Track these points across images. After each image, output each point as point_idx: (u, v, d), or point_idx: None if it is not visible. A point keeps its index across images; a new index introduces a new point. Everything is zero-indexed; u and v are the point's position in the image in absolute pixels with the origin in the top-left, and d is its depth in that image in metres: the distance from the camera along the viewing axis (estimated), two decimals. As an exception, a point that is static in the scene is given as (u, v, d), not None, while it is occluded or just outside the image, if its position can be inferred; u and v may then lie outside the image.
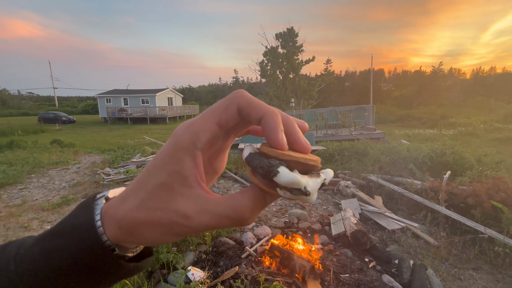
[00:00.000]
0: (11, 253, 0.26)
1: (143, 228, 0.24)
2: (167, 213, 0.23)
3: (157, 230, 0.24)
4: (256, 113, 0.23)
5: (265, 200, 0.24)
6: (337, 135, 9.63)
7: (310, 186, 0.22)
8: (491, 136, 12.05)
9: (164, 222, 0.23)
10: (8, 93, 58.42)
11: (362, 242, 2.81)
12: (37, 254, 0.25)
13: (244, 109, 0.23)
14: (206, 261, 2.57)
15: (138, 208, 0.24)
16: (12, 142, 10.01)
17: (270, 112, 0.23)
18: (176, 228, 0.23)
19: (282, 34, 20.94)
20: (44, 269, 0.24)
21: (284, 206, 4.23)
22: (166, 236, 0.24)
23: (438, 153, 4.92)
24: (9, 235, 3.55)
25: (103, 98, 29.50)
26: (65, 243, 0.24)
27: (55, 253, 0.24)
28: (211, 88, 76.56)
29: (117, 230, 0.24)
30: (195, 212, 0.23)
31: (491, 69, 63.40)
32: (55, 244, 0.25)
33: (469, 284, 2.43)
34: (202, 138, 0.23)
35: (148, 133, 16.13)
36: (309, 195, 0.22)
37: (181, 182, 0.23)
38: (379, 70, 75.69)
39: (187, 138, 0.23)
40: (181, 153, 0.23)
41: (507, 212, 2.87)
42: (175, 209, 0.23)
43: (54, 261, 0.24)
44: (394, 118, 25.80)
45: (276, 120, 0.23)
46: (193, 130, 0.23)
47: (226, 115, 0.23)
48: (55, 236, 0.25)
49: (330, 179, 0.24)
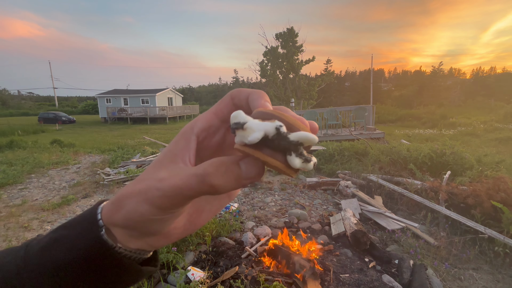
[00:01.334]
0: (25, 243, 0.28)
1: (126, 199, 0.25)
2: (147, 181, 0.24)
3: (136, 198, 0.24)
4: (244, 94, 0.26)
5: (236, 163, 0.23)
6: (337, 135, 9.63)
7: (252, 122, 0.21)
8: (491, 136, 12.05)
9: (143, 188, 0.24)
10: (8, 93, 58.41)
11: (362, 242, 2.81)
12: (44, 244, 0.26)
13: (235, 96, 0.26)
14: (206, 261, 2.57)
15: (130, 183, 0.26)
16: (12, 142, 10.01)
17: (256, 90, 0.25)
18: (150, 192, 0.23)
19: (282, 34, 20.94)
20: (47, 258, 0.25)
21: (284, 206, 4.23)
22: (141, 205, 0.24)
23: (438, 153, 4.92)
24: (9, 235, 3.56)
25: (103, 98, 29.50)
26: (68, 233, 0.26)
27: (57, 243, 0.26)
28: (211, 88, 76.58)
29: (109, 207, 0.26)
30: (168, 175, 0.23)
31: (491, 69, 63.42)
32: (58, 235, 0.26)
33: (469, 284, 2.43)
34: (198, 124, 0.26)
35: (148, 133, 16.13)
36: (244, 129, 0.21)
37: (170, 158, 0.25)
38: (379, 70, 75.72)
39: (187, 126, 0.27)
40: (179, 137, 0.26)
41: (507, 212, 2.87)
42: (155, 176, 0.24)
43: (57, 251, 0.25)
44: (394, 118, 25.81)
45: (260, 93, 0.25)
46: (194, 120, 0.27)
47: (221, 104, 0.27)
48: (62, 228, 0.27)
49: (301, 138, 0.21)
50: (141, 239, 0.26)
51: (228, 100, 0.26)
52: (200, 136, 0.26)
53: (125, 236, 0.26)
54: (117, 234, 0.26)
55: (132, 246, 0.26)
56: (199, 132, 0.26)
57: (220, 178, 0.22)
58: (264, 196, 4.75)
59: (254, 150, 0.22)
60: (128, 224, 0.25)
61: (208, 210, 0.30)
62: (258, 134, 0.21)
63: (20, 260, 0.26)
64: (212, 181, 0.22)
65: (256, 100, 0.24)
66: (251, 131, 0.21)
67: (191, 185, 0.22)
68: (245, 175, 0.23)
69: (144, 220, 0.24)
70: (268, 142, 0.21)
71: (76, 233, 0.26)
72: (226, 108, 0.26)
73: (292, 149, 0.22)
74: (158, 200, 0.23)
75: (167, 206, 0.23)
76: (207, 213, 0.30)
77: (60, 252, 0.25)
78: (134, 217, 0.24)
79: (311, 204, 4.34)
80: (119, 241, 0.26)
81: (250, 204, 4.39)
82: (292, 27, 20.77)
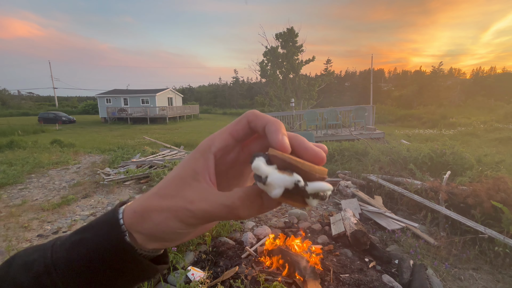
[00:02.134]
0: (50, 243, 0.30)
1: (153, 212, 0.27)
2: (175, 199, 0.27)
3: (164, 214, 0.26)
4: (261, 122, 0.27)
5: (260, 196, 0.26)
6: (337, 135, 9.63)
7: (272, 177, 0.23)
8: (491, 136, 12.05)
9: (171, 206, 0.26)
10: (8, 93, 58.34)
11: (362, 242, 2.81)
12: (69, 245, 0.28)
13: (252, 121, 0.27)
14: (206, 261, 2.57)
15: (153, 195, 0.28)
16: (12, 142, 10.01)
17: (273, 119, 0.26)
18: (180, 212, 0.26)
19: (282, 34, 20.94)
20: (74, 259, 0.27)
21: (284, 206, 4.23)
22: (171, 221, 0.26)
23: (438, 153, 4.92)
24: (9, 235, 3.56)
25: (103, 98, 29.49)
26: (91, 235, 0.28)
27: (83, 244, 0.28)
28: (211, 88, 76.52)
29: (132, 215, 0.28)
30: (197, 198, 0.26)
31: (491, 69, 63.42)
32: (83, 237, 0.28)
33: (469, 284, 2.43)
34: (216, 144, 0.28)
35: (148, 133, 16.13)
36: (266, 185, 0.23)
37: (192, 176, 0.27)
38: (379, 70, 75.69)
39: (204, 144, 0.28)
40: (197, 154, 0.28)
41: (507, 212, 2.87)
42: (183, 195, 0.26)
43: (82, 252, 0.27)
44: (394, 118, 25.81)
45: (277, 125, 0.26)
46: (210, 138, 0.28)
47: (237, 126, 0.28)
48: (85, 230, 0.29)
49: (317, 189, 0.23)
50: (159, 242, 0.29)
51: (244, 123, 0.28)
52: (217, 155, 0.28)
53: (145, 240, 0.28)
54: (138, 238, 0.28)
55: (150, 247, 0.29)
56: (216, 152, 0.28)
57: (246, 210, 0.25)
58: (264, 196, 4.75)
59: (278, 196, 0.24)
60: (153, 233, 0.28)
61: None
62: (279, 190, 0.23)
63: (48, 260, 0.28)
64: (239, 213, 0.25)
65: (274, 133, 0.25)
66: (273, 188, 0.23)
67: (221, 213, 0.25)
68: (267, 206, 0.26)
69: (171, 232, 0.27)
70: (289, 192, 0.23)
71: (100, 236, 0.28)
72: (242, 131, 0.28)
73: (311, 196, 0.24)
74: (188, 220, 0.26)
75: (195, 224, 0.27)
76: None
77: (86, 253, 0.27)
78: (162, 229, 0.27)
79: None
80: (139, 243, 0.28)
81: (250, 204, 4.39)
82: (292, 27, 20.78)
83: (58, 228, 3.77)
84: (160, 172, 5.61)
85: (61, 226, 3.82)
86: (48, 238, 3.49)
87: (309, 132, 9.31)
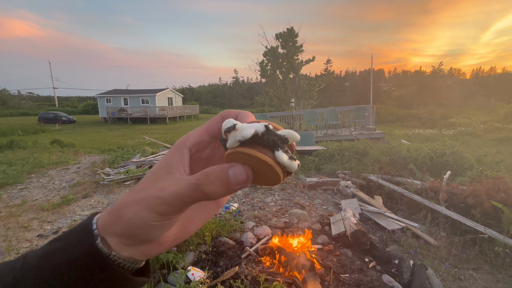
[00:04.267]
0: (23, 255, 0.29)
1: (126, 208, 0.26)
2: (148, 191, 0.26)
3: (136, 206, 0.26)
4: (233, 114, 0.28)
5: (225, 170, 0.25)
6: (337, 135, 9.63)
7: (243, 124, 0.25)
8: (491, 136, 12.05)
9: (143, 197, 0.26)
10: (8, 93, 58.33)
11: (362, 242, 2.81)
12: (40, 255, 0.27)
13: (226, 115, 0.29)
14: (206, 261, 2.57)
15: (128, 193, 0.27)
16: (12, 142, 10.01)
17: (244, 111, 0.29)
18: (151, 200, 0.25)
19: (282, 34, 20.95)
20: (44, 269, 0.26)
21: (284, 206, 4.23)
22: (143, 212, 0.25)
23: (438, 153, 4.92)
24: (9, 235, 3.56)
25: (103, 98, 29.49)
26: (63, 244, 0.27)
27: (54, 254, 0.26)
28: (211, 88, 76.52)
29: (106, 217, 0.27)
30: (168, 185, 0.26)
31: (491, 69, 63.45)
32: (55, 246, 0.27)
33: (469, 284, 2.43)
34: (191, 139, 0.29)
35: (148, 133, 16.13)
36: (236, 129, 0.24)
37: (167, 169, 0.27)
38: (379, 70, 75.75)
39: (180, 140, 0.29)
40: (173, 150, 0.29)
41: (507, 212, 2.87)
42: (156, 186, 0.26)
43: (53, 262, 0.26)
44: (394, 118, 25.79)
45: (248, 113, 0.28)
46: (186, 134, 0.30)
47: (212, 122, 0.29)
48: (57, 239, 0.28)
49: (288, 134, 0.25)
50: (135, 247, 0.28)
51: (218, 119, 0.29)
52: (192, 149, 0.29)
53: (120, 244, 0.27)
54: (112, 243, 0.27)
55: (126, 254, 0.27)
56: (191, 146, 0.29)
57: (211, 186, 0.24)
58: (264, 196, 4.75)
59: (246, 147, 0.24)
60: (127, 231, 0.26)
61: (198, 219, 0.32)
62: (250, 130, 0.24)
63: (17, 272, 0.27)
64: (204, 189, 0.24)
65: (245, 117, 0.27)
66: (243, 129, 0.24)
67: (188, 193, 0.25)
68: (234, 181, 0.25)
69: (144, 226, 0.26)
70: (258, 140, 0.24)
71: (71, 244, 0.27)
72: (216, 126, 0.29)
73: (280, 146, 0.24)
74: (159, 207, 0.25)
75: (167, 212, 0.26)
76: (197, 221, 0.32)
77: (56, 263, 0.26)
78: (135, 223, 0.26)
79: (311, 204, 4.34)
80: (113, 249, 0.27)
81: (250, 204, 4.39)
82: (292, 27, 20.80)
83: (58, 228, 3.76)
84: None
85: (61, 226, 3.82)
86: (48, 238, 3.49)
87: (309, 132, 9.31)
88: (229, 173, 0.24)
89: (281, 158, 0.24)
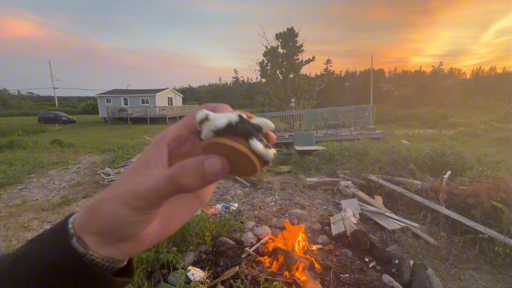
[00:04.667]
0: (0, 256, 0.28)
1: (102, 204, 0.26)
2: (124, 186, 0.26)
3: (113, 202, 0.25)
4: (211, 107, 0.28)
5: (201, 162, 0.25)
6: (337, 135, 9.63)
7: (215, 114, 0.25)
8: (491, 136, 12.04)
9: (119, 192, 0.25)
10: (8, 93, 58.36)
11: (362, 242, 2.81)
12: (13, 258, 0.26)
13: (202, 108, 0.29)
14: (206, 261, 2.57)
15: (105, 190, 0.27)
16: (12, 142, 10.02)
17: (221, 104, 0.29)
18: (126, 195, 0.25)
19: (282, 34, 20.96)
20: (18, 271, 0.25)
21: (284, 206, 4.23)
22: (118, 208, 0.25)
23: (438, 153, 4.92)
24: (9, 235, 3.56)
25: (103, 98, 29.50)
26: (38, 245, 0.26)
27: (28, 255, 0.26)
28: (211, 88, 76.56)
29: (83, 215, 0.27)
30: (144, 179, 0.25)
31: (491, 69, 63.42)
32: (29, 248, 0.26)
33: (469, 284, 2.43)
34: (169, 134, 0.29)
35: (148, 133, 16.13)
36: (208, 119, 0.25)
37: (145, 165, 0.27)
38: (379, 70, 75.71)
39: (158, 135, 0.29)
40: (151, 146, 0.28)
41: (507, 212, 2.87)
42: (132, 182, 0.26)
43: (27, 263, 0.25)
44: (394, 118, 25.77)
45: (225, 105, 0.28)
46: (164, 130, 0.29)
47: (190, 117, 0.29)
48: (31, 241, 0.27)
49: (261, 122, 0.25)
50: (114, 245, 0.27)
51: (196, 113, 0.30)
52: (170, 144, 0.28)
53: (97, 243, 0.26)
54: (89, 242, 0.26)
55: (104, 253, 0.26)
56: (169, 141, 0.28)
57: (187, 178, 0.24)
58: (264, 196, 4.75)
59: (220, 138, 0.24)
60: (104, 228, 0.25)
61: (180, 215, 0.31)
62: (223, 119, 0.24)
63: None
64: (180, 181, 0.24)
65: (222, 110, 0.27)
66: (216, 119, 0.24)
67: (163, 185, 0.24)
68: (210, 172, 0.24)
69: (121, 222, 0.25)
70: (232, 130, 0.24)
71: (45, 245, 0.26)
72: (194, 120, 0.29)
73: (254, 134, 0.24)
74: (134, 201, 0.25)
75: (144, 207, 0.25)
76: (180, 218, 0.31)
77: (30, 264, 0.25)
78: (111, 220, 0.25)
79: (311, 204, 4.34)
80: (91, 248, 0.26)
81: (250, 204, 4.39)
82: (292, 27, 20.82)
83: (58, 228, 3.77)
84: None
85: (61, 226, 3.82)
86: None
87: (309, 132, 9.31)
88: (205, 164, 0.24)
89: (256, 146, 0.24)
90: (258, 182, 5.38)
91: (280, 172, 6.24)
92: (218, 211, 3.84)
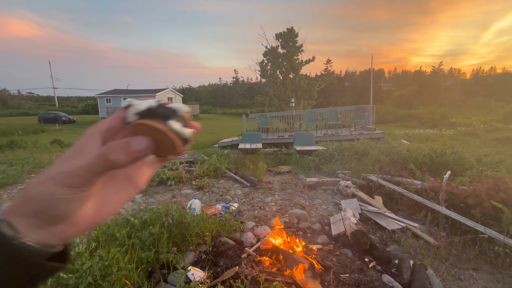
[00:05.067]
0: None
1: (34, 188, 0.26)
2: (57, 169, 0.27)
3: (45, 184, 0.26)
4: None
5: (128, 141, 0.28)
6: (337, 135, 9.63)
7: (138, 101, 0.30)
8: (491, 136, 12.05)
9: (52, 176, 0.27)
10: (8, 93, 58.28)
11: (362, 242, 2.81)
12: None
13: None
14: (206, 261, 2.57)
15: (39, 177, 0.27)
16: (12, 142, 10.01)
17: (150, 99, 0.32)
18: (60, 176, 0.26)
19: (282, 34, 20.92)
20: None
21: (284, 206, 4.23)
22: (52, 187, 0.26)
23: (438, 153, 4.92)
24: (9, 235, 3.55)
25: (103, 98, 29.50)
26: None
27: None
28: (211, 88, 76.46)
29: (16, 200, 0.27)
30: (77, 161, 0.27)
31: (491, 69, 63.42)
32: None
33: (469, 284, 2.43)
34: (101, 125, 0.31)
35: (148, 133, 16.08)
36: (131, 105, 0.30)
37: (78, 153, 0.28)
38: (379, 70, 75.71)
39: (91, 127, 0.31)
40: (85, 136, 0.30)
41: (507, 212, 2.87)
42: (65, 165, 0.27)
43: None
44: (394, 118, 25.79)
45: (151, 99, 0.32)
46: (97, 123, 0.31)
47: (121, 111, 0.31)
48: None
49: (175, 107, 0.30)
50: (46, 228, 0.26)
51: None
52: (103, 135, 0.30)
53: (28, 226, 0.26)
54: (20, 226, 0.25)
55: (37, 237, 0.26)
56: (103, 132, 0.30)
57: (116, 154, 0.27)
58: (264, 196, 4.75)
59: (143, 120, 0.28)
60: (35, 209, 0.26)
61: (116, 201, 0.33)
62: (144, 104, 0.29)
63: None
64: (110, 156, 0.27)
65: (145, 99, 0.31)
66: (138, 104, 0.29)
67: (95, 163, 0.27)
68: (135, 148, 0.28)
69: (53, 200, 0.26)
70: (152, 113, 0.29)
71: None
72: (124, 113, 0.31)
73: (171, 116, 0.29)
74: (68, 180, 0.26)
75: (77, 184, 0.26)
76: (115, 203, 0.33)
77: None
78: (43, 199, 0.26)
79: (311, 204, 4.34)
80: (22, 232, 0.25)
81: (250, 204, 4.39)
82: (292, 27, 20.75)
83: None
84: (160, 172, 5.61)
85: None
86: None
87: (309, 132, 9.31)
88: (131, 142, 0.28)
89: (173, 125, 0.28)
90: (258, 182, 5.38)
91: (280, 172, 6.24)
92: (218, 211, 3.84)
